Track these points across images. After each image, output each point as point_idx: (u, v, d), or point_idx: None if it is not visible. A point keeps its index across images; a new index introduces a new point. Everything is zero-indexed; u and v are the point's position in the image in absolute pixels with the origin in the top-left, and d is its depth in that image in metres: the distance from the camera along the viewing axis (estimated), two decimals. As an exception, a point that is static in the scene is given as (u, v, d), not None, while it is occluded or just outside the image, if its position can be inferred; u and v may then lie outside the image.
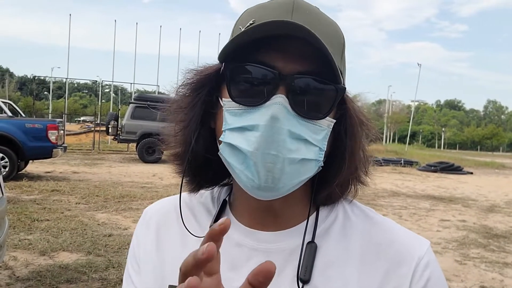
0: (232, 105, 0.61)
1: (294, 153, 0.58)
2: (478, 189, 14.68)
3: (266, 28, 0.57)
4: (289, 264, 0.65)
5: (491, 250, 6.47)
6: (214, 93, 0.66)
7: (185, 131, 0.68)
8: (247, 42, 0.58)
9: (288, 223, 0.68)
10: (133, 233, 0.80)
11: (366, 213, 0.72)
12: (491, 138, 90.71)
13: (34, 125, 10.20)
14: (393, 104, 69.53)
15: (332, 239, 0.68)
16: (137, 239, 0.78)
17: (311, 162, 0.61)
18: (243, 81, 0.60)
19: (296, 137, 0.59)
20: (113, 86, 39.79)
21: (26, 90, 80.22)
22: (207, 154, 0.68)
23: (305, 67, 0.59)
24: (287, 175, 0.59)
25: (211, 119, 0.67)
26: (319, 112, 0.61)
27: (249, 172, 0.59)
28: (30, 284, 4.12)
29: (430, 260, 0.66)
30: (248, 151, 0.58)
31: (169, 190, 9.86)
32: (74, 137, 27.84)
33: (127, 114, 17.16)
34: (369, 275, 0.65)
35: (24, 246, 5.17)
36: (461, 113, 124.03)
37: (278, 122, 0.57)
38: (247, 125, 0.59)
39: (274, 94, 0.58)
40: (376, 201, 10.05)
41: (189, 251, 0.69)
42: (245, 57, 0.60)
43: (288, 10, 0.60)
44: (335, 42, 0.61)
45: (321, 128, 0.61)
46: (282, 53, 0.59)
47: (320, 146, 0.61)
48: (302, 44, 0.58)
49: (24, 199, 7.87)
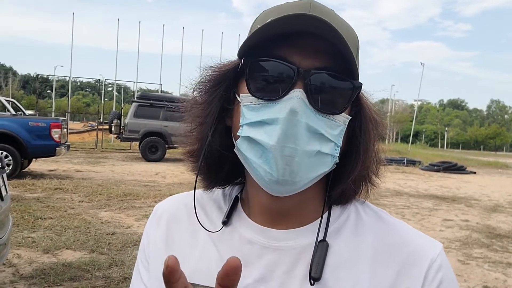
0: (250, 100, 0.61)
1: (311, 146, 0.59)
2: (481, 188, 14.65)
3: (284, 22, 0.57)
4: (299, 262, 0.65)
5: (494, 250, 6.45)
6: (231, 89, 0.66)
7: (202, 128, 0.69)
8: (266, 38, 0.59)
9: (300, 221, 0.69)
10: (144, 230, 0.80)
11: (379, 214, 0.72)
12: (494, 138, 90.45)
13: (37, 123, 10.23)
14: (396, 104, 69.40)
15: (344, 238, 0.67)
16: (147, 236, 0.78)
17: (327, 156, 0.62)
18: (262, 76, 0.61)
19: (313, 132, 0.59)
20: (116, 85, 39.88)
21: (29, 89, 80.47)
22: (223, 150, 0.69)
23: (322, 63, 0.60)
24: (304, 168, 0.59)
25: (227, 117, 0.68)
26: (336, 108, 0.61)
27: (267, 165, 0.59)
28: (34, 281, 4.14)
29: (443, 263, 0.66)
30: (268, 143, 0.58)
31: (172, 188, 9.88)
32: (77, 136, 27.92)
33: (130, 113, 17.18)
34: (381, 275, 0.64)
35: (28, 244, 5.19)
36: (464, 113, 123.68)
37: (297, 116, 0.57)
38: (266, 119, 0.59)
39: (292, 89, 0.59)
40: (379, 200, 10.04)
41: (199, 248, 0.71)
42: (263, 53, 0.60)
43: (305, 8, 0.61)
44: (351, 42, 0.62)
45: (337, 124, 0.61)
46: (300, 49, 0.60)
47: (335, 141, 0.62)
48: (319, 41, 0.58)
49: (27, 197, 7.89)
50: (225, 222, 0.71)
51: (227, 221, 0.71)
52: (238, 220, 0.71)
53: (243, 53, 0.63)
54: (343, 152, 0.65)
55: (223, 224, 0.71)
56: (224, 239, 0.70)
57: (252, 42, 0.60)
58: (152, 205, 7.92)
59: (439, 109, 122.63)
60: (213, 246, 0.70)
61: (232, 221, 0.72)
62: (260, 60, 0.61)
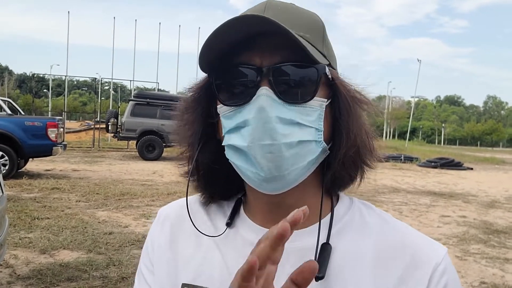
0: (224, 110, 0.64)
1: (289, 137, 0.60)
2: (478, 184, 14.70)
3: (228, 27, 0.58)
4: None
5: (492, 245, 6.48)
6: (211, 104, 0.69)
7: (190, 147, 0.72)
8: (223, 47, 0.61)
9: (303, 222, 0.69)
10: (147, 233, 0.81)
11: (382, 216, 0.72)
12: (491, 134, 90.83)
13: (33, 123, 10.19)
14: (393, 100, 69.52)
15: (348, 239, 0.68)
16: (151, 239, 0.79)
17: (311, 143, 0.63)
18: (228, 85, 0.63)
19: (287, 123, 0.60)
20: (113, 84, 39.76)
21: (25, 88, 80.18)
22: (217, 164, 0.70)
23: (282, 58, 0.62)
24: (288, 160, 0.61)
25: (216, 131, 0.70)
26: (305, 95, 0.62)
27: (253, 167, 0.61)
28: (31, 282, 4.12)
29: (448, 267, 0.66)
30: (244, 146, 0.61)
31: (169, 187, 9.86)
32: (74, 135, 27.82)
33: (126, 112, 17.15)
34: (384, 277, 0.65)
35: (25, 245, 5.17)
36: (461, 109, 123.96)
37: (264, 112, 0.59)
38: (239, 123, 0.62)
39: (258, 89, 0.61)
40: (377, 197, 10.05)
41: (202, 251, 0.72)
42: (226, 62, 0.63)
43: (260, 11, 0.64)
44: (312, 29, 0.65)
45: (312, 109, 0.63)
46: (258, 49, 0.62)
47: (315, 126, 0.63)
48: (275, 37, 0.60)
49: (24, 197, 7.87)
50: (228, 223, 0.72)
51: (231, 222, 0.72)
52: (241, 222, 0.72)
53: (206, 67, 0.65)
54: (332, 136, 0.67)
55: (227, 225, 0.72)
56: (227, 242, 0.71)
57: (211, 55, 0.62)
58: (149, 204, 7.92)
59: (436, 106, 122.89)
60: (216, 249, 0.71)
61: (235, 224, 0.73)
62: (223, 71, 0.64)
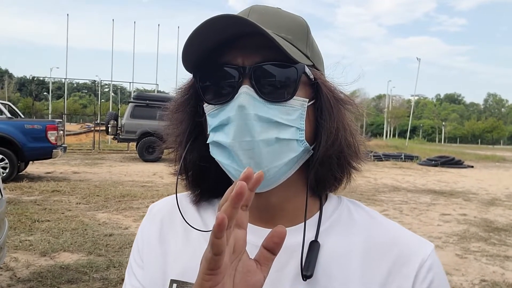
0: (209, 108, 0.66)
1: (267, 134, 0.62)
2: (478, 182, 14.69)
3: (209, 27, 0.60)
4: (292, 261, 0.67)
5: (492, 243, 6.47)
6: (198, 103, 0.70)
7: (178, 146, 0.74)
8: (207, 48, 0.63)
9: (291, 220, 0.70)
10: (138, 229, 0.82)
11: (370, 214, 0.73)
12: (492, 132, 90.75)
13: (33, 126, 10.20)
14: (393, 99, 69.54)
15: (336, 236, 0.69)
16: (141, 234, 0.80)
17: (291, 141, 0.63)
18: (212, 84, 0.65)
19: (266, 121, 0.62)
20: (112, 86, 39.77)
21: (25, 91, 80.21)
22: (204, 163, 0.72)
23: (263, 57, 0.63)
24: (267, 157, 0.62)
25: (204, 130, 0.71)
26: (285, 94, 0.63)
27: (235, 163, 0.63)
28: (31, 285, 4.12)
29: (434, 263, 0.66)
30: (226, 142, 0.62)
31: (169, 188, 9.86)
32: (74, 138, 27.86)
33: (126, 114, 17.16)
34: (372, 273, 0.65)
35: (25, 247, 5.17)
36: (461, 107, 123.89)
37: (245, 110, 0.61)
38: (222, 121, 0.63)
39: (239, 87, 0.62)
40: (377, 196, 10.05)
41: (192, 246, 0.73)
42: (210, 62, 0.65)
43: (245, 14, 0.67)
44: (294, 30, 0.67)
45: (293, 108, 0.64)
46: (240, 49, 0.64)
47: (296, 125, 0.64)
48: (256, 38, 0.62)
49: (24, 200, 7.87)
50: None
51: None
52: None
53: (191, 68, 0.67)
54: (316, 136, 0.67)
55: None
56: None
57: (196, 56, 0.64)
58: (149, 206, 7.91)
59: (436, 104, 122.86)
60: (206, 245, 0.70)
61: None
62: (206, 71, 0.66)
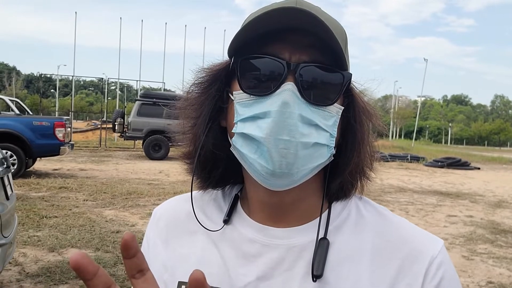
0: (243, 97, 0.62)
1: (307, 137, 0.60)
2: (485, 184, 14.60)
3: (271, 16, 0.58)
4: (301, 260, 0.66)
5: (499, 245, 6.44)
6: (224, 88, 0.67)
7: (195, 128, 0.70)
8: (255, 35, 0.60)
9: (300, 219, 0.69)
10: (144, 234, 0.81)
11: (379, 211, 0.72)
12: (499, 134, 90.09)
13: (41, 123, 10.27)
14: (399, 100, 69.20)
15: (345, 235, 0.68)
16: (147, 239, 0.79)
17: (323, 147, 0.62)
18: (252, 73, 0.62)
19: (307, 122, 0.60)
20: (119, 84, 39.93)
21: (33, 88, 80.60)
22: (217, 150, 0.69)
23: (311, 57, 0.61)
24: (300, 160, 0.60)
25: (221, 117, 0.69)
26: (328, 99, 0.62)
27: (263, 159, 0.60)
28: (39, 280, 4.17)
29: (444, 260, 0.65)
30: (261, 137, 0.59)
31: (175, 186, 9.90)
32: (81, 135, 28.00)
33: (133, 112, 17.20)
34: (381, 271, 0.65)
35: (33, 243, 5.22)
36: (468, 108, 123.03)
37: (289, 108, 0.58)
38: (259, 113, 0.60)
39: (283, 83, 0.60)
40: (383, 197, 10.02)
41: (198, 249, 0.72)
42: (253, 50, 0.62)
43: (292, 4, 0.61)
44: (339, 35, 0.62)
45: (330, 114, 0.62)
46: (289, 44, 0.61)
47: (330, 131, 0.62)
48: (307, 35, 0.60)
49: (32, 196, 7.93)
50: (226, 220, 0.71)
51: (228, 219, 0.71)
52: (238, 219, 0.71)
53: (233, 52, 0.64)
54: (339, 144, 0.66)
55: (224, 222, 0.71)
56: (224, 239, 0.70)
57: (241, 40, 0.61)
58: (156, 203, 7.94)
59: (443, 105, 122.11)
60: (213, 246, 0.70)
61: (232, 220, 0.72)
62: (250, 58, 0.62)
